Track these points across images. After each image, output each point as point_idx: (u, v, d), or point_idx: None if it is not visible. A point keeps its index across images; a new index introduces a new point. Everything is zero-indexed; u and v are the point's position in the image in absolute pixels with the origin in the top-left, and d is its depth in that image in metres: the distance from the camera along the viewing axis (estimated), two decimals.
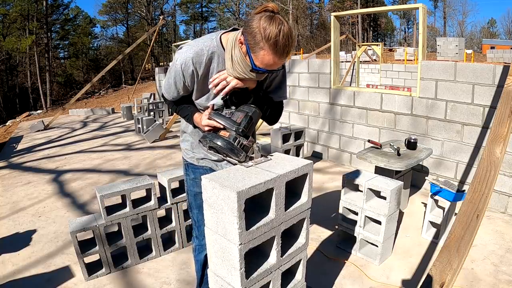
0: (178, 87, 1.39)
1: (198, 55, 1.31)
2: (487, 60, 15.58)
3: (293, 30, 1.17)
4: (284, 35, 1.14)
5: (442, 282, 1.69)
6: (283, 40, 1.14)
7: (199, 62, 1.31)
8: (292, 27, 1.17)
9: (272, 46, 1.14)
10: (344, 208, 2.51)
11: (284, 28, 1.15)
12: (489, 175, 1.81)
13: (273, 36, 1.13)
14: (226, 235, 1.18)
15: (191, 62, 1.31)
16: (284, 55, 1.19)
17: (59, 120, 9.56)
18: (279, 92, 1.50)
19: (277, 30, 1.13)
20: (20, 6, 25.80)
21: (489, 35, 39.89)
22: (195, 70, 1.32)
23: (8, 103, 27.31)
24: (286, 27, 1.15)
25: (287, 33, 1.15)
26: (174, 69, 1.35)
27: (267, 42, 1.14)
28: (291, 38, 1.17)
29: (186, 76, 1.34)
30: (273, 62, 1.19)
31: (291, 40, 1.17)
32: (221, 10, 40.92)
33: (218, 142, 1.26)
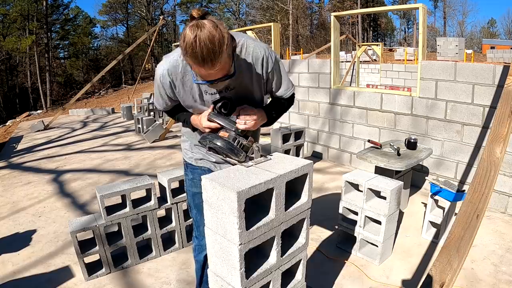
0: (164, 98, 1.41)
1: (173, 66, 1.30)
2: (487, 60, 15.58)
3: (215, 34, 1.03)
4: (200, 42, 1.02)
5: (442, 282, 1.69)
6: (200, 48, 1.02)
7: (175, 73, 1.31)
8: (216, 30, 1.04)
9: (191, 57, 1.05)
10: (344, 208, 2.51)
11: (201, 33, 1.02)
12: (489, 175, 1.81)
13: (189, 46, 1.03)
14: (226, 235, 1.18)
15: (167, 74, 1.31)
16: (209, 64, 1.06)
17: (59, 120, 9.56)
18: (283, 90, 1.47)
19: (192, 38, 1.02)
20: (20, 6, 25.80)
21: (489, 35, 39.89)
22: (172, 82, 1.33)
23: (8, 103, 27.31)
24: (204, 33, 1.02)
25: (204, 39, 1.02)
26: (156, 82, 1.37)
27: (186, 54, 1.06)
28: (210, 43, 1.03)
29: (166, 88, 1.35)
30: (204, 73, 1.11)
31: (212, 45, 1.03)
32: (221, 10, 40.90)
33: (217, 142, 1.26)
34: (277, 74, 1.40)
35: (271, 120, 1.44)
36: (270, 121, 1.44)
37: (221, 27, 1.07)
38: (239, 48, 1.28)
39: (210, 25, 1.04)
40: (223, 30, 1.07)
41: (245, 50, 1.29)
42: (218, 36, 1.04)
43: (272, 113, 1.44)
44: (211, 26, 1.04)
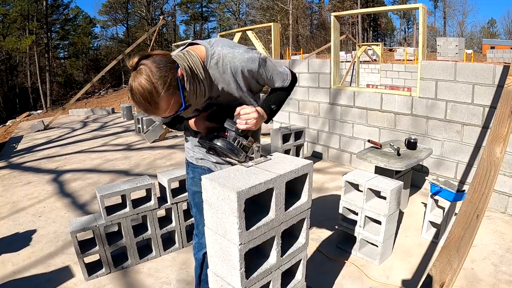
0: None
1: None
2: (487, 60, 15.58)
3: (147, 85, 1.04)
4: (134, 93, 1.06)
5: (442, 282, 1.69)
6: (137, 99, 1.07)
7: None
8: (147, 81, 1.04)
9: (133, 102, 1.09)
10: (344, 208, 2.51)
11: (134, 85, 1.05)
12: (489, 175, 1.81)
13: (131, 96, 1.08)
14: (226, 235, 1.18)
15: None
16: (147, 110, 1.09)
17: (59, 120, 9.56)
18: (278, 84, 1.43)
19: (130, 91, 1.08)
20: (20, 6, 25.79)
21: (489, 35, 39.88)
22: None
23: (8, 103, 27.31)
24: (135, 85, 1.05)
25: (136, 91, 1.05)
26: None
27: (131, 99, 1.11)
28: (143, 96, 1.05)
29: None
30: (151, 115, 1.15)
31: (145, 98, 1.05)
32: (221, 10, 40.92)
33: (217, 142, 1.26)
34: (266, 73, 1.35)
35: (272, 114, 1.41)
36: (271, 115, 1.41)
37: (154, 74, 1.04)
38: (215, 60, 1.25)
39: (142, 76, 1.04)
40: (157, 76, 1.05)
41: (222, 62, 1.26)
42: (149, 87, 1.04)
43: (272, 107, 1.40)
44: (143, 77, 1.04)
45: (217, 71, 1.27)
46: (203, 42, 1.28)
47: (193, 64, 1.17)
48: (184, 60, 1.16)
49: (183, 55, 1.18)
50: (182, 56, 1.18)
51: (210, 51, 1.25)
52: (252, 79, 1.34)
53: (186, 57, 1.17)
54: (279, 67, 1.40)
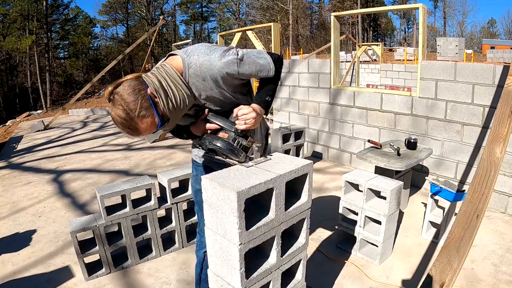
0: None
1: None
2: (487, 60, 15.58)
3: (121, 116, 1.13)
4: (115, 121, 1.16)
5: (442, 282, 1.69)
6: (119, 126, 1.16)
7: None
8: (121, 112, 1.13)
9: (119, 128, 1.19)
10: (344, 208, 2.51)
11: (112, 114, 1.16)
12: (489, 175, 1.81)
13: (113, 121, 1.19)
14: (226, 235, 1.18)
15: None
16: (131, 134, 1.19)
17: (59, 120, 9.56)
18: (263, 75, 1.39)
19: (111, 116, 1.19)
20: (20, 6, 25.78)
21: (489, 35, 39.87)
22: None
23: (8, 103, 27.30)
24: (113, 114, 1.16)
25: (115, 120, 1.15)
26: None
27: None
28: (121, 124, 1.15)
29: None
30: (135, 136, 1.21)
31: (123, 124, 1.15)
32: (221, 10, 40.91)
33: (217, 143, 1.26)
34: (248, 70, 1.32)
35: (268, 106, 1.40)
36: (268, 107, 1.40)
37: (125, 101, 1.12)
38: (193, 70, 1.25)
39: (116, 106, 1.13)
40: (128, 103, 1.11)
41: (200, 71, 1.25)
42: (124, 116, 1.13)
43: (267, 99, 1.39)
44: (117, 106, 1.13)
45: (197, 80, 1.27)
46: (180, 52, 1.27)
47: (167, 77, 1.20)
48: (155, 76, 1.19)
49: (157, 69, 1.23)
50: (156, 71, 1.22)
51: (186, 61, 1.25)
52: (235, 79, 1.33)
53: (159, 72, 1.21)
54: (260, 59, 1.34)
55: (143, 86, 1.14)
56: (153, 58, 31.88)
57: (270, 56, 1.38)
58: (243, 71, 1.30)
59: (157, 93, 1.16)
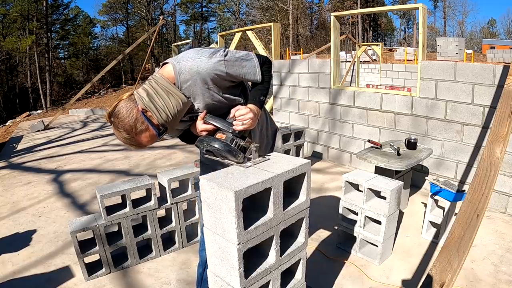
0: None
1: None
2: (487, 60, 15.57)
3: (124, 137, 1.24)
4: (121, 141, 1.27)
5: (442, 282, 1.69)
6: (124, 143, 1.27)
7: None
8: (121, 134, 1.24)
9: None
10: (344, 208, 2.51)
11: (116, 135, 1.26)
12: (489, 175, 1.80)
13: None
14: (224, 235, 1.18)
15: None
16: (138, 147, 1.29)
17: (59, 120, 9.56)
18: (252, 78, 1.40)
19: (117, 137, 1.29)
20: (20, 6, 25.78)
21: (489, 35, 39.84)
22: None
23: (8, 103, 27.31)
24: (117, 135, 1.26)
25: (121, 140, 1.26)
26: None
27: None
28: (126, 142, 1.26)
29: None
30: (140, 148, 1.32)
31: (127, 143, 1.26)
32: (221, 10, 40.91)
33: (215, 144, 1.26)
34: (237, 72, 1.33)
35: (262, 106, 1.43)
36: (262, 107, 1.43)
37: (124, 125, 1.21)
38: (183, 76, 1.28)
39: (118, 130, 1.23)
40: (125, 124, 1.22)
41: (190, 76, 1.28)
42: (126, 136, 1.24)
43: (261, 98, 1.41)
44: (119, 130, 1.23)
45: (189, 85, 1.30)
46: (171, 60, 1.31)
47: (158, 87, 1.27)
48: (145, 91, 1.26)
49: (148, 82, 1.29)
50: (147, 84, 1.29)
51: (177, 68, 1.28)
52: (224, 81, 1.33)
53: (149, 85, 1.28)
54: (246, 62, 1.35)
55: (135, 105, 1.23)
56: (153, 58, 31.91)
57: (258, 59, 1.39)
58: (230, 72, 1.32)
59: (147, 107, 1.24)
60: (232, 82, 1.39)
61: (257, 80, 1.40)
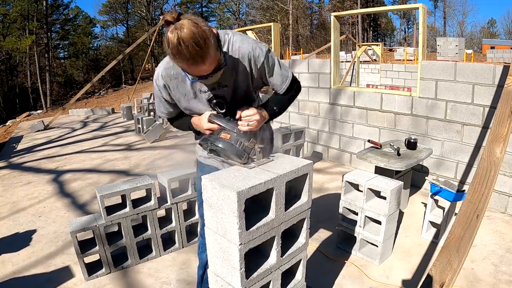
0: (163, 103, 1.44)
1: (166, 69, 1.33)
2: (487, 60, 15.57)
3: (196, 30, 1.06)
4: (185, 41, 1.06)
5: (442, 282, 1.69)
6: (186, 48, 1.06)
7: (168, 76, 1.34)
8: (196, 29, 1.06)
9: (180, 59, 1.10)
10: (344, 208, 2.51)
11: (182, 33, 1.05)
12: (489, 175, 1.81)
13: (175, 49, 1.08)
14: (226, 235, 1.18)
15: (161, 77, 1.34)
16: (198, 62, 1.11)
17: (59, 120, 9.56)
18: (277, 83, 1.42)
19: (176, 41, 1.06)
20: (20, 6, 25.78)
21: (489, 35, 39.86)
22: (166, 84, 1.36)
23: (8, 103, 27.30)
24: (185, 33, 1.05)
25: (188, 39, 1.06)
26: (154, 87, 1.40)
27: (175, 58, 1.11)
28: (195, 43, 1.07)
29: (162, 91, 1.38)
30: (196, 70, 1.15)
31: (196, 44, 1.07)
32: (221, 10, 40.91)
33: (219, 144, 1.25)
34: (269, 67, 1.36)
35: (273, 115, 1.44)
36: (273, 116, 1.44)
37: (200, 23, 1.08)
38: (226, 45, 1.27)
39: (189, 24, 1.06)
40: (202, 25, 1.09)
41: (232, 47, 1.28)
42: (199, 32, 1.07)
43: (274, 108, 1.42)
44: (190, 24, 1.06)
45: (227, 56, 1.28)
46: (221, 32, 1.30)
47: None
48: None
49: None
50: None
51: (222, 36, 1.28)
52: (257, 70, 1.35)
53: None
54: (283, 69, 1.41)
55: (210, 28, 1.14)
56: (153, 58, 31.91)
57: (293, 77, 1.44)
58: (265, 64, 1.34)
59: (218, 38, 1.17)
60: (260, 79, 1.40)
61: (282, 88, 1.42)
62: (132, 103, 10.71)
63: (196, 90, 1.37)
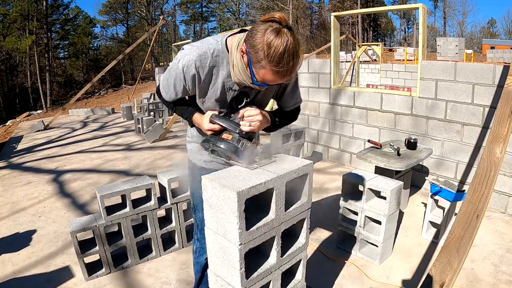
0: (177, 90, 1.34)
1: (202, 59, 1.25)
2: (487, 60, 15.57)
3: (299, 46, 1.07)
4: (289, 55, 1.05)
5: (442, 282, 1.69)
6: (287, 61, 1.06)
7: (202, 66, 1.26)
8: (299, 43, 1.07)
9: (275, 68, 1.08)
10: (344, 208, 2.51)
11: (290, 46, 1.05)
12: (489, 175, 1.81)
13: (277, 57, 1.05)
14: (226, 235, 1.18)
15: (194, 65, 1.24)
16: (287, 76, 1.11)
17: (59, 120, 9.55)
18: (292, 100, 1.47)
19: (282, 49, 1.04)
20: (20, 6, 25.78)
21: (489, 35, 39.85)
22: (197, 75, 1.27)
23: (8, 103, 27.30)
24: (292, 45, 1.05)
25: (292, 53, 1.06)
26: (175, 71, 1.29)
27: (270, 62, 1.07)
28: (296, 57, 1.07)
29: (187, 80, 1.29)
30: (274, 80, 1.14)
31: (297, 59, 1.08)
32: (221, 10, 40.93)
33: (221, 145, 1.23)
34: (294, 83, 1.41)
35: (273, 126, 1.42)
36: (274, 127, 1.44)
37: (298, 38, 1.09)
38: None
39: (293, 37, 1.06)
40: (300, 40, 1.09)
41: None
42: (301, 49, 1.08)
43: (276, 120, 1.41)
44: (294, 38, 1.06)
45: None
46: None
47: None
48: None
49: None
50: None
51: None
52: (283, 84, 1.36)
53: None
54: (299, 91, 1.48)
55: None
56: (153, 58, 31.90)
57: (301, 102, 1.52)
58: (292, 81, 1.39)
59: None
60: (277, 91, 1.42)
61: (289, 107, 1.48)
62: (132, 103, 10.71)
63: (226, 87, 1.32)
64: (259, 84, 1.18)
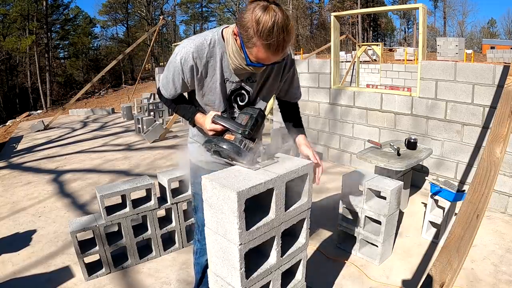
0: (176, 84, 1.33)
1: (199, 50, 1.24)
2: (487, 60, 15.58)
3: (289, 21, 1.05)
4: (279, 29, 1.04)
5: (442, 282, 1.69)
6: (277, 35, 1.05)
7: (200, 57, 1.26)
8: (288, 17, 1.05)
9: (265, 42, 1.06)
10: (344, 208, 2.51)
11: (279, 20, 1.04)
12: (489, 175, 1.80)
13: (266, 31, 1.04)
14: (226, 235, 1.18)
15: (192, 57, 1.24)
16: (279, 51, 1.10)
17: (59, 120, 9.56)
18: (292, 93, 1.53)
19: (270, 23, 1.03)
20: (20, 6, 25.79)
21: (489, 35, 39.86)
22: (195, 66, 1.27)
23: (8, 103, 27.30)
24: (281, 19, 1.04)
25: (282, 27, 1.04)
26: (173, 64, 1.29)
27: (260, 37, 1.06)
28: (286, 31, 1.06)
29: (185, 72, 1.28)
30: (267, 58, 1.13)
31: (287, 33, 1.06)
32: (221, 10, 40.93)
33: (223, 145, 1.22)
34: (293, 73, 1.46)
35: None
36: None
37: (287, 14, 1.07)
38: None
39: (282, 10, 1.05)
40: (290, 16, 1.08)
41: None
42: (291, 24, 1.06)
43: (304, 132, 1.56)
44: (283, 13, 1.05)
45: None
46: None
47: None
48: None
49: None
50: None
51: None
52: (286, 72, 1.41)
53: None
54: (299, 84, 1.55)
55: None
56: (153, 58, 31.90)
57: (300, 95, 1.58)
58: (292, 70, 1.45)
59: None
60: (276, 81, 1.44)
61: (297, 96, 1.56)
62: (132, 103, 10.71)
63: (225, 78, 1.32)
64: (254, 65, 1.17)
